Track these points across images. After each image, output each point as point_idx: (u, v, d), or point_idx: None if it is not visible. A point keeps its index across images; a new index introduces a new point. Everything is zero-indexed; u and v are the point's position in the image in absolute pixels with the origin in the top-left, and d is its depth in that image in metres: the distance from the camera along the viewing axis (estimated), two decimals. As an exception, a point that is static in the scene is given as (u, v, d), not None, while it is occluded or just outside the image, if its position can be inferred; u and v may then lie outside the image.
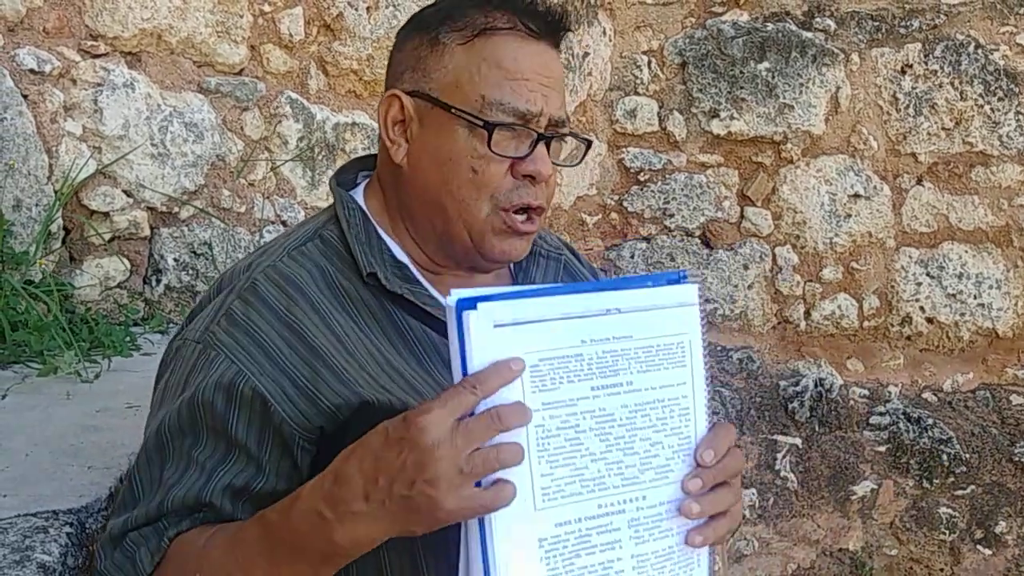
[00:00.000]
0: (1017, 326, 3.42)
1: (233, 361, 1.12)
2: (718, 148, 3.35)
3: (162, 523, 1.10)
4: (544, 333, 0.99)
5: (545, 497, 0.98)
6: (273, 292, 1.16)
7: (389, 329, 1.18)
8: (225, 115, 2.52)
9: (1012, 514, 3.24)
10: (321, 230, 1.24)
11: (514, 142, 1.17)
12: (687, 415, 1.05)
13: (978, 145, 3.34)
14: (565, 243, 1.44)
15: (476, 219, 1.19)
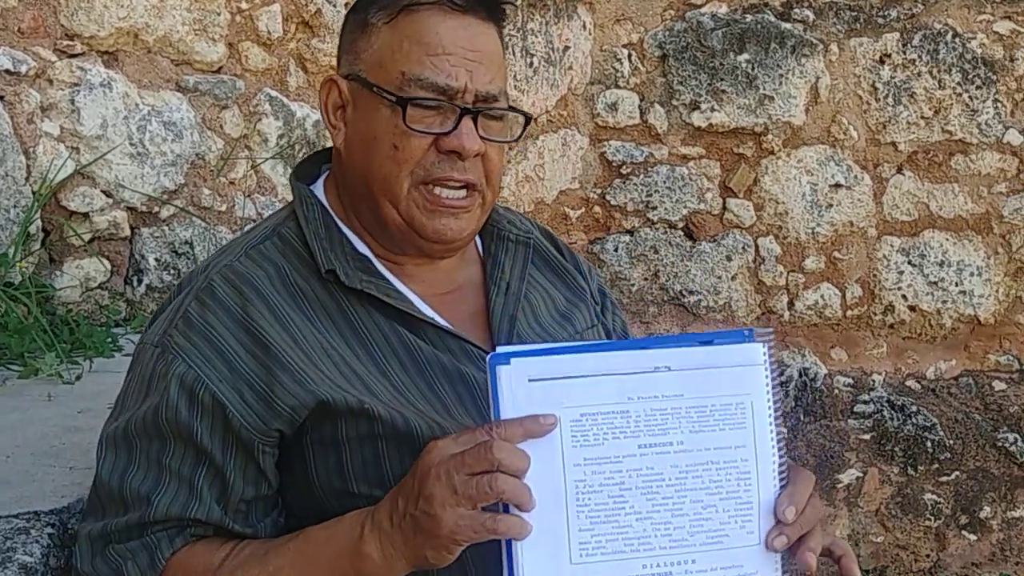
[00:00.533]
0: (998, 313, 3.45)
1: (191, 366, 1.12)
2: (699, 140, 3.36)
3: (150, 538, 1.10)
4: (585, 389, 0.99)
5: (583, 552, 0.98)
6: (229, 293, 1.16)
7: (345, 328, 1.17)
8: (204, 113, 2.51)
9: (996, 499, 3.27)
10: (280, 227, 1.23)
11: (438, 118, 1.17)
12: (748, 479, 1.02)
13: (957, 133, 3.36)
14: (538, 226, 1.42)
15: (399, 196, 1.18)
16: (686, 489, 1.00)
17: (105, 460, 1.15)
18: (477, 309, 1.28)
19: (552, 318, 1.33)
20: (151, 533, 1.10)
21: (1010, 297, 3.45)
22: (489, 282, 1.30)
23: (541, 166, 3.26)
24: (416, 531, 0.98)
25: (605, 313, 1.44)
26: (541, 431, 0.98)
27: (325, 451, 1.13)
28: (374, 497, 1.11)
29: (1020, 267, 3.45)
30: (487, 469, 0.96)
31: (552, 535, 0.97)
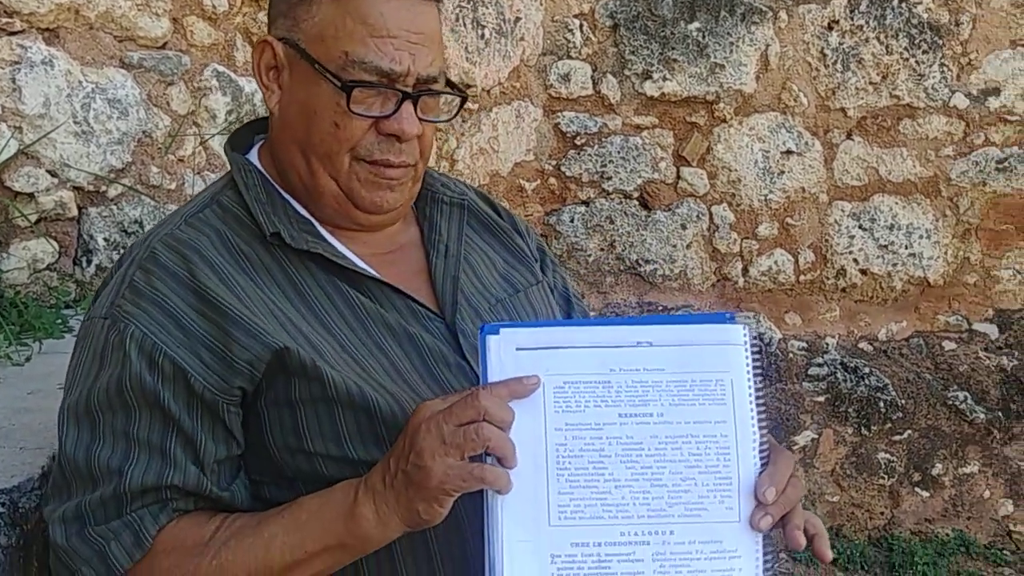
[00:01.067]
0: (947, 274, 3.51)
1: (146, 332, 1.11)
2: (652, 110, 3.37)
3: (132, 516, 1.09)
4: (571, 359, 1.02)
5: (562, 515, 1.00)
6: (173, 258, 1.15)
7: (289, 289, 1.17)
8: (150, 90, 2.47)
9: (947, 456, 3.35)
10: (218, 196, 1.23)
11: (379, 100, 1.17)
12: (727, 455, 1.03)
13: (905, 98, 3.40)
14: (473, 188, 1.43)
15: (341, 171, 1.19)
16: (665, 460, 1.02)
17: (67, 436, 1.13)
18: (419, 269, 1.29)
19: (493, 278, 1.35)
20: (132, 511, 1.08)
21: (958, 258, 3.52)
22: (428, 245, 1.31)
23: (495, 138, 3.26)
24: (408, 485, 1.00)
25: (545, 270, 1.45)
26: (525, 391, 1.01)
27: (280, 412, 1.14)
28: (330, 456, 1.12)
29: (967, 229, 3.52)
30: (474, 419, 0.99)
31: (532, 497, 0.99)
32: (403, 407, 1.14)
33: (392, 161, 1.18)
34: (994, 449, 3.39)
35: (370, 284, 1.21)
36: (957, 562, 3.26)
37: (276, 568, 1.05)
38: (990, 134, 3.46)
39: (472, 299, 1.29)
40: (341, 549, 1.05)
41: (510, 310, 1.33)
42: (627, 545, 1.01)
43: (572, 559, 1.00)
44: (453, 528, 1.09)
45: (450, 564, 1.13)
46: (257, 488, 1.16)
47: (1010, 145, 3.48)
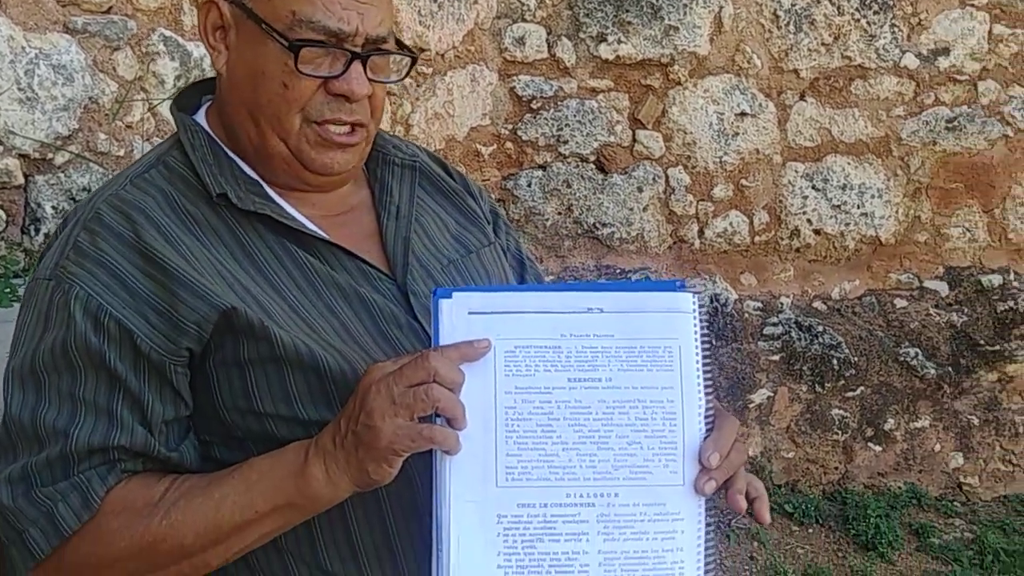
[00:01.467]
0: (899, 233, 3.57)
1: (91, 293, 1.10)
2: (607, 73, 3.37)
3: (79, 477, 1.08)
4: (521, 323, 1.03)
5: (509, 476, 1.01)
6: (117, 219, 1.14)
7: (237, 251, 1.17)
8: (95, 55, 2.44)
9: (899, 411, 3.42)
10: (164, 156, 1.22)
11: (327, 60, 1.16)
12: (673, 420, 1.05)
13: (856, 59, 3.43)
14: (424, 150, 1.43)
15: (290, 132, 1.18)
16: (612, 424, 1.03)
17: (12, 398, 1.12)
18: (370, 231, 1.29)
19: (445, 239, 1.35)
20: (79, 472, 1.08)
21: (909, 217, 3.58)
22: (379, 206, 1.31)
23: (450, 103, 3.24)
24: (357, 445, 1.01)
25: (498, 232, 1.46)
26: (475, 355, 1.02)
27: (228, 373, 1.14)
28: (280, 416, 1.13)
29: (918, 188, 3.57)
30: (424, 380, 1.00)
31: (480, 458, 1.01)
32: (353, 367, 1.14)
33: (343, 119, 1.18)
34: (944, 404, 3.46)
35: (320, 246, 1.21)
36: (909, 514, 3.34)
37: (226, 528, 1.06)
38: (940, 94, 3.51)
39: (424, 260, 1.29)
40: (291, 509, 1.06)
41: (462, 271, 1.33)
42: (572, 507, 1.02)
43: (518, 519, 1.01)
44: (404, 483, 1.10)
45: (401, 519, 1.14)
46: (207, 449, 1.16)
47: (959, 104, 3.53)
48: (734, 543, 3.04)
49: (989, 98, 3.55)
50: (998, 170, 3.59)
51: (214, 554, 1.07)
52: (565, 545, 1.02)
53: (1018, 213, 3.64)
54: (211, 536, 1.06)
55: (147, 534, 1.06)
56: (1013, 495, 3.54)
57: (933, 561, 3.07)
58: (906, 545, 3.15)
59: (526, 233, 3.37)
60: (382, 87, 1.23)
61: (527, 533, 1.02)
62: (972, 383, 3.48)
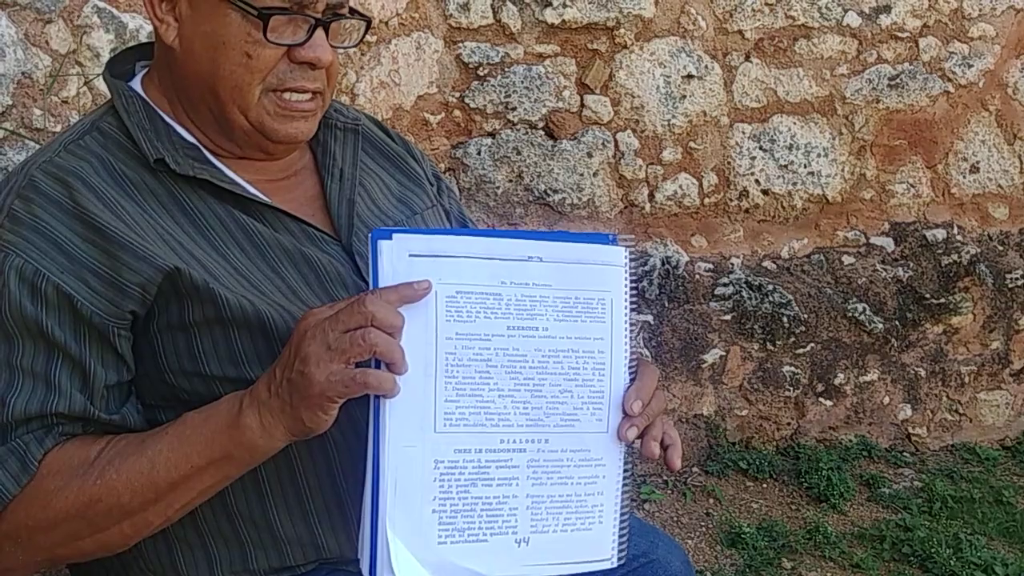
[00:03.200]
0: (845, 191, 3.62)
1: (28, 260, 1.09)
2: (554, 38, 3.36)
3: (16, 443, 1.07)
4: (464, 269, 1.02)
5: (447, 422, 1.02)
6: (53, 185, 1.13)
7: (179, 215, 1.16)
8: (27, 29, 2.37)
9: (849, 366, 3.48)
10: (98, 122, 1.20)
11: (291, 27, 1.16)
12: (602, 370, 1.08)
13: (800, 18, 3.45)
14: (365, 114, 1.44)
15: (250, 103, 1.18)
16: (547, 373, 1.06)
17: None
18: (314, 195, 1.29)
19: (389, 202, 1.35)
20: (16, 437, 1.07)
21: (855, 175, 3.63)
22: (322, 170, 1.31)
23: (396, 71, 3.21)
24: (292, 393, 1.00)
25: (441, 195, 1.47)
26: (416, 296, 1.00)
27: (174, 336, 1.13)
28: (227, 377, 1.13)
29: (863, 146, 3.62)
30: (361, 325, 0.98)
31: (419, 403, 1.01)
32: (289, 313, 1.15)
33: (307, 87, 1.18)
34: (892, 357, 3.53)
35: (263, 210, 1.21)
36: (860, 466, 3.42)
37: (162, 484, 1.05)
38: (882, 52, 3.54)
39: (368, 222, 1.30)
40: (227, 461, 1.06)
41: None
42: (505, 452, 1.05)
43: (454, 464, 1.03)
44: (354, 440, 1.10)
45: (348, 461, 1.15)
46: (152, 413, 1.16)
47: (901, 62, 3.57)
48: (690, 500, 3.09)
49: (930, 54, 3.59)
50: (940, 126, 3.65)
51: (154, 512, 1.07)
52: (497, 490, 1.05)
53: (960, 168, 3.70)
54: (148, 493, 1.05)
55: (82, 494, 1.06)
56: (960, 444, 3.63)
57: (884, 510, 3.15)
58: (857, 496, 3.22)
59: (477, 202, 3.36)
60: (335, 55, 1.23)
61: (462, 478, 1.03)
62: (918, 336, 3.55)
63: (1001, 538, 3.01)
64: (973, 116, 3.68)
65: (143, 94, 1.22)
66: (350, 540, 1.13)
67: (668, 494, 3.09)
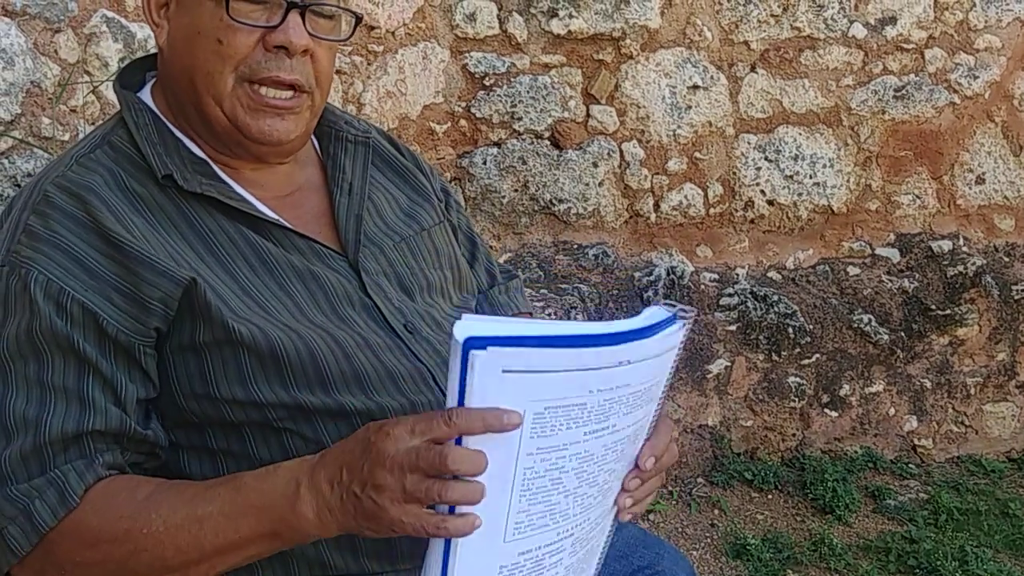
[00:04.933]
0: (850, 201, 3.61)
1: (51, 277, 1.07)
2: (560, 48, 3.37)
3: (55, 473, 1.05)
4: (555, 383, 0.94)
5: (516, 531, 0.98)
6: (68, 200, 1.12)
7: (188, 232, 1.16)
8: (36, 38, 2.39)
9: (854, 377, 3.47)
10: (108, 136, 1.20)
11: (265, 12, 1.15)
12: (637, 442, 1.05)
13: (805, 29, 3.46)
14: (376, 128, 1.43)
15: (223, 93, 1.16)
16: (606, 463, 1.02)
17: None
18: (321, 210, 1.29)
19: (397, 217, 1.35)
20: (56, 467, 1.05)
21: (860, 186, 3.63)
22: (331, 183, 1.30)
23: (402, 81, 3.22)
24: (358, 510, 0.97)
25: (449, 211, 1.46)
26: (503, 429, 0.93)
27: (185, 357, 1.12)
28: (235, 400, 1.11)
29: (868, 157, 3.62)
30: (440, 472, 0.93)
31: (493, 519, 0.96)
32: (309, 346, 1.13)
33: (282, 77, 1.15)
34: (898, 368, 3.53)
35: (271, 227, 1.20)
36: (865, 477, 3.40)
37: (208, 548, 1.03)
38: (888, 63, 3.55)
39: (375, 238, 1.29)
40: (276, 538, 1.03)
41: (414, 248, 1.34)
42: (559, 541, 1.02)
43: (516, 565, 1.00)
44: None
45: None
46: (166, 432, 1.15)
47: (907, 73, 3.57)
48: (695, 511, 3.08)
49: (936, 66, 3.59)
50: (946, 137, 3.64)
51: (195, 572, 1.04)
52: (548, 573, 1.02)
53: (966, 179, 3.70)
54: (193, 553, 1.03)
55: (128, 541, 1.03)
56: (965, 455, 3.62)
57: (889, 522, 3.13)
58: (863, 507, 3.21)
59: (482, 211, 3.36)
60: (327, 51, 1.21)
61: (520, 574, 1.00)
62: (924, 347, 3.55)
63: (1007, 551, 2.99)
64: (979, 127, 3.68)
65: (152, 105, 1.22)
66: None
67: (673, 505, 3.09)
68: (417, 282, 1.30)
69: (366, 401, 1.15)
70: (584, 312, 3.24)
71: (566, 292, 3.29)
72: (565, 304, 3.22)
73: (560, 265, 3.42)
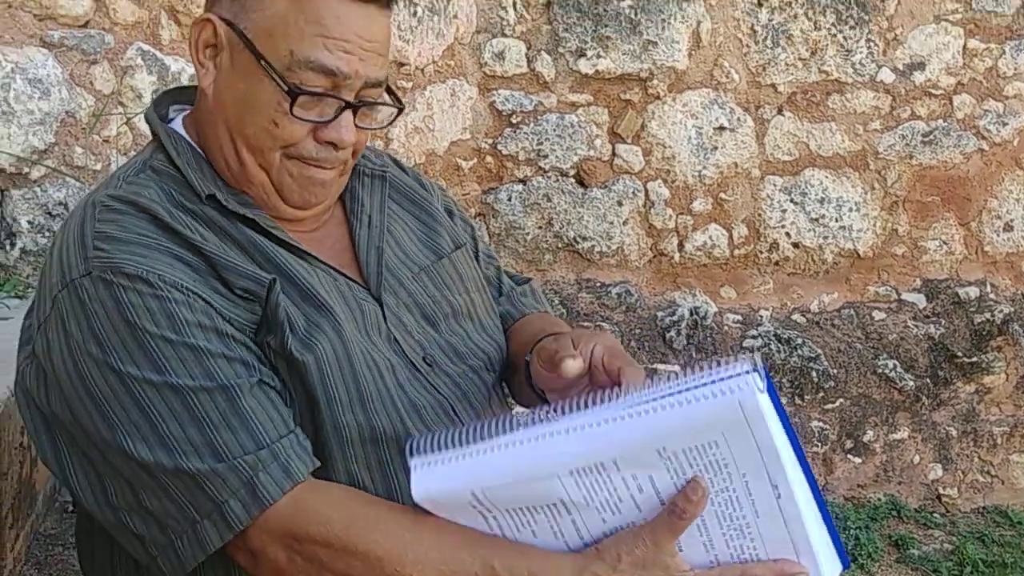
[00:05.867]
0: (876, 246, 3.59)
1: (161, 273, 1.07)
2: (587, 87, 3.39)
3: (277, 446, 1.06)
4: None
5: None
6: (131, 208, 1.12)
7: (244, 244, 1.17)
8: (72, 69, 2.43)
9: (878, 423, 3.43)
10: (149, 161, 1.21)
11: (319, 106, 1.16)
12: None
13: (833, 73, 3.46)
14: (389, 155, 1.45)
15: (271, 165, 1.18)
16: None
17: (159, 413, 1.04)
18: (343, 245, 1.30)
19: (416, 246, 1.36)
20: (273, 442, 1.05)
21: (886, 230, 3.61)
22: (351, 216, 1.31)
23: (430, 117, 3.25)
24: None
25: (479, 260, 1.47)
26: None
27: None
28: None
29: (895, 201, 3.60)
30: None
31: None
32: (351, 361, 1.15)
33: (326, 166, 1.18)
34: (923, 415, 3.48)
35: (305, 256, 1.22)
36: (889, 525, 3.35)
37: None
38: (916, 108, 3.54)
39: (396, 270, 1.30)
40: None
41: (434, 277, 1.34)
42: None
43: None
44: None
45: None
46: None
47: (935, 119, 3.56)
48: (715, 556, 3.04)
49: (964, 112, 3.58)
50: (974, 183, 3.62)
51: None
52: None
53: (994, 226, 3.67)
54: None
55: (382, 553, 1.01)
56: (991, 506, 3.55)
57: (913, 572, 3.08)
58: (886, 556, 3.15)
59: (506, 247, 3.37)
60: (365, 135, 1.23)
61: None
62: (950, 395, 3.50)
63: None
64: (1007, 174, 3.66)
65: (186, 136, 1.24)
66: None
67: (692, 548, 3.05)
68: (441, 310, 1.30)
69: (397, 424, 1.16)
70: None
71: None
72: (587, 342, 3.20)
73: (583, 303, 3.41)
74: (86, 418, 1.07)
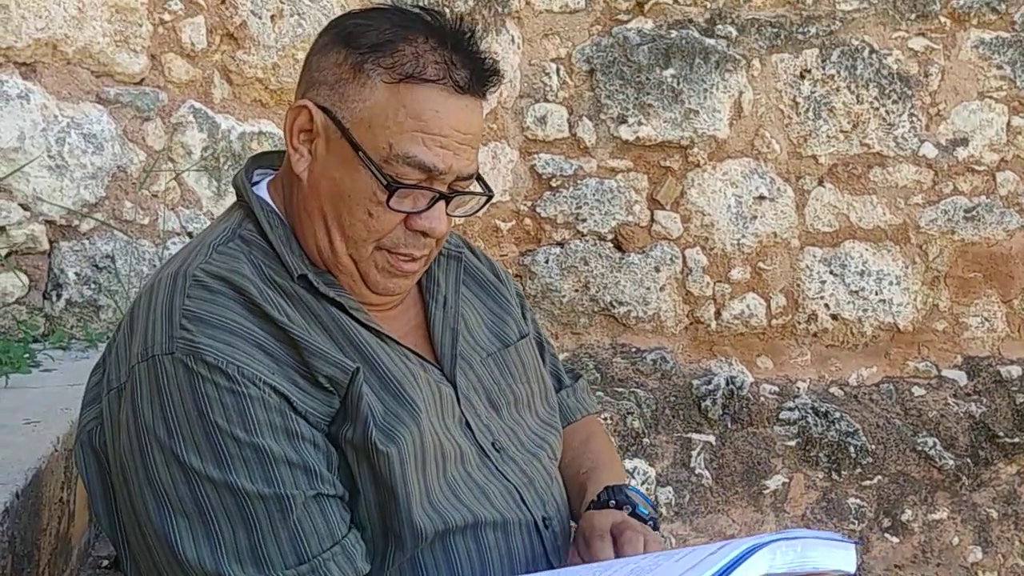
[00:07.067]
0: (916, 320, 3.55)
1: (240, 364, 1.07)
2: (627, 153, 3.41)
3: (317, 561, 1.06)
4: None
5: None
6: (223, 285, 1.12)
7: (332, 328, 1.17)
8: (125, 125, 2.48)
9: (917, 502, 3.36)
10: (239, 230, 1.21)
11: (412, 195, 1.17)
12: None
13: (875, 146, 3.46)
14: (461, 237, 1.45)
15: (362, 256, 1.19)
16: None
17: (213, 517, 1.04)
18: (416, 324, 1.31)
19: (483, 332, 1.37)
20: (314, 556, 1.05)
21: (927, 305, 3.57)
22: (427, 296, 1.32)
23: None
24: None
25: (525, 317, 1.48)
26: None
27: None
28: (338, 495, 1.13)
29: (936, 276, 3.57)
30: None
31: None
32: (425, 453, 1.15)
33: (415, 254, 1.19)
34: (963, 496, 3.41)
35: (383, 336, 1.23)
36: (926, 609, 3.26)
37: None
38: (958, 183, 3.52)
39: (466, 353, 1.31)
40: None
41: (500, 364, 1.36)
42: None
43: None
44: None
45: None
46: None
47: (978, 195, 3.54)
48: (748, 635, 2.97)
49: (1008, 189, 3.56)
50: (1017, 261, 3.59)
51: None
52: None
53: (1037, 304, 3.62)
54: None
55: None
56: (1033, 592, 3.46)
57: (952, 660, 2.98)
58: (924, 642, 3.07)
59: (542, 310, 3.37)
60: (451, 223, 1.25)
61: None
62: (991, 475, 3.43)
63: None
64: (1051, 252, 3.62)
65: (273, 206, 1.24)
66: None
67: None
68: (504, 398, 1.31)
69: (466, 514, 1.16)
70: (640, 418, 3.20)
71: (623, 396, 3.25)
72: (621, 409, 3.18)
73: (617, 368, 3.39)
74: (139, 498, 1.07)
